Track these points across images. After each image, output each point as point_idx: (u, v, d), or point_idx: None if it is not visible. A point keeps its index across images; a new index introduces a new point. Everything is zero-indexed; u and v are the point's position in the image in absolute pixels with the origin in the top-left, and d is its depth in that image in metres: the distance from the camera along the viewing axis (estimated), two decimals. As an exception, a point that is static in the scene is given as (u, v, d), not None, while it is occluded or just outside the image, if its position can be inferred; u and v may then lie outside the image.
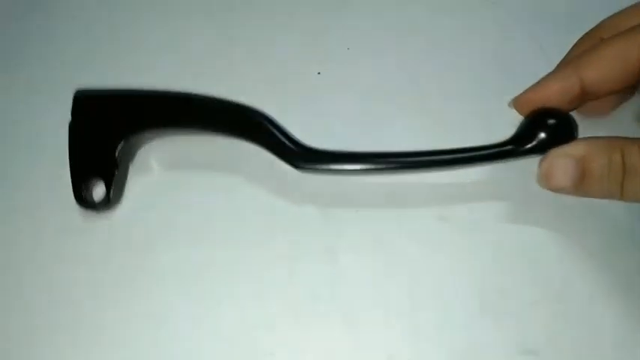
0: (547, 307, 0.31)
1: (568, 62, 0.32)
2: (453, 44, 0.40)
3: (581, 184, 0.29)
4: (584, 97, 0.31)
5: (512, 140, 0.31)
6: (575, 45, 0.33)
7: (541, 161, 0.31)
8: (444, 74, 0.39)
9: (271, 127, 0.32)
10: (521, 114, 0.32)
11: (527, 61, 0.38)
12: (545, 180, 0.30)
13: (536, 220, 0.34)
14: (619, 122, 0.36)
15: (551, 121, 0.30)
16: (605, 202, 0.30)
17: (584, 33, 0.33)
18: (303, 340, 0.31)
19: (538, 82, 0.32)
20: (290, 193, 0.34)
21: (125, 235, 0.33)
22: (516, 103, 0.32)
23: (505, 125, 0.33)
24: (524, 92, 0.32)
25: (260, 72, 0.38)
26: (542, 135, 0.30)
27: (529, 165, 0.34)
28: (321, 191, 0.34)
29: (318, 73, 0.38)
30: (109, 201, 0.33)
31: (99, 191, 0.33)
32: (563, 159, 0.30)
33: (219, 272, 0.32)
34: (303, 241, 0.33)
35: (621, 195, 0.28)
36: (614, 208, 0.33)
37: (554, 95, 0.31)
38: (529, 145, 0.30)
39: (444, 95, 0.38)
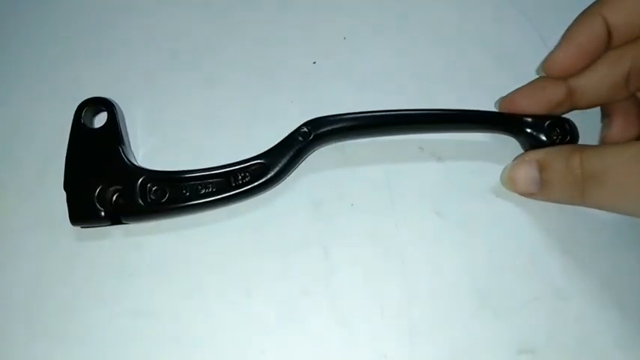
0: (546, 305, 0.30)
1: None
2: (452, 33, 0.39)
3: (544, 190, 0.30)
4: (571, 105, 0.32)
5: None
6: (577, 24, 0.31)
7: (506, 166, 0.32)
8: (443, 64, 0.38)
9: None
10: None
11: (526, 50, 0.37)
12: (510, 184, 0.31)
13: (535, 216, 0.33)
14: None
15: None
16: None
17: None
18: (295, 338, 0.30)
19: (530, 85, 0.32)
20: (283, 185, 0.33)
21: (109, 231, 0.32)
22: (504, 104, 0.33)
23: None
24: (513, 94, 0.33)
25: (255, 61, 0.37)
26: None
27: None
28: (315, 183, 0.33)
29: (314, 63, 0.37)
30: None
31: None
32: (524, 164, 0.30)
33: (209, 268, 0.31)
34: (295, 235, 0.32)
35: (582, 201, 0.28)
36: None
37: (544, 100, 0.32)
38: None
39: (442, 85, 0.37)
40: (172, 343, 0.30)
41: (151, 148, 0.35)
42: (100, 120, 0.33)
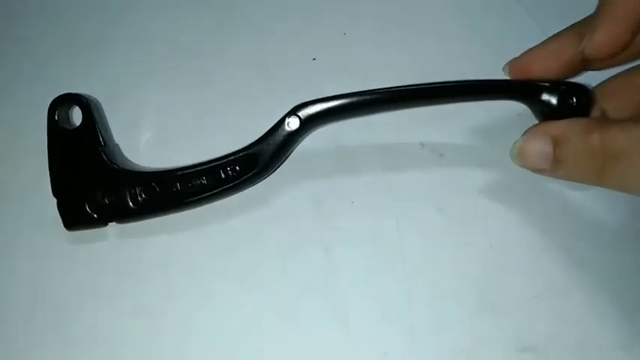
0: (548, 303, 0.30)
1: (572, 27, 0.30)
2: (452, 27, 0.38)
3: (557, 167, 0.27)
4: (585, 66, 0.29)
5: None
6: None
7: (519, 139, 0.28)
8: (443, 58, 0.37)
9: None
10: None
11: (528, 44, 0.37)
12: (519, 159, 0.28)
13: (537, 214, 0.32)
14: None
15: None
16: (612, 196, 0.29)
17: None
18: (295, 337, 0.30)
19: (545, 47, 0.30)
20: (281, 181, 0.33)
21: (106, 231, 0.32)
22: (514, 67, 0.31)
23: (505, 111, 0.32)
24: (526, 56, 0.30)
25: (255, 58, 0.37)
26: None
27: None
28: (315, 182, 0.33)
29: (314, 59, 0.37)
30: None
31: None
32: (537, 138, 0.27)
33: (208, 266, 0.31)
34: (295, 233, 0.32)
35: (600, 181, 0.25)
36: (622, 202, 0.32)
37: (560, 61, 0.29)
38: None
39: (442, 80, 0.36)
40: (172, 343, 0.30)
41: (148, 146, 0.35)
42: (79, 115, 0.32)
